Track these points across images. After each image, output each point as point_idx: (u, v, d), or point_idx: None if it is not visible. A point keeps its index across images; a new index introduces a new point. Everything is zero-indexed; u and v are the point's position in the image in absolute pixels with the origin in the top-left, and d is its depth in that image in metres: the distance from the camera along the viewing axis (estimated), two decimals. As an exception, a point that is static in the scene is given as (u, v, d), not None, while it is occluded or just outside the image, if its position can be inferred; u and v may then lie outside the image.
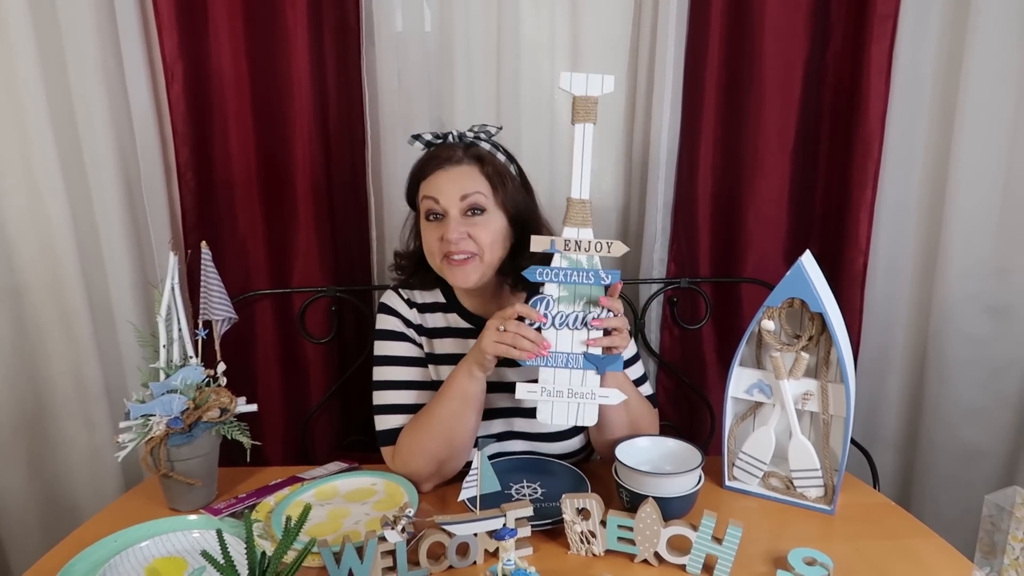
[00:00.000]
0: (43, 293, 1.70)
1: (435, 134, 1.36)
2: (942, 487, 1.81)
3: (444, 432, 1.28)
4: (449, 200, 1.28)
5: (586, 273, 1.13)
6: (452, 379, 1.27)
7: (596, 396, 1.15)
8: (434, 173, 1.31)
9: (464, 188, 1.28)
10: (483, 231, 1.28)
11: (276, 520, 1.19)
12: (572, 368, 1.14)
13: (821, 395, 1.25)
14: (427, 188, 1.31)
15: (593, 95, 1.12)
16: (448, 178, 1.29)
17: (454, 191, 1.28)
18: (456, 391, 1.26)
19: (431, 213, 1.31)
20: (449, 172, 1.30)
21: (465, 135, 1.35)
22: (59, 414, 1.76)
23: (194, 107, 1.67)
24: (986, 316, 1.75)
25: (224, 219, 1.75)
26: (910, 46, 1.68)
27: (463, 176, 1.30)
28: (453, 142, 1.35)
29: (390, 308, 1.43)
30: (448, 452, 1.30)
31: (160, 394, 1.25)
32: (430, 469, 1.31)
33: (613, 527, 1.10)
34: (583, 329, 1.14)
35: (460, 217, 1.28)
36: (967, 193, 1.68)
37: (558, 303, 1.14)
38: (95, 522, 1.26)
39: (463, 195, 1.28)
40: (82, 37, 1.61)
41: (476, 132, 1.35)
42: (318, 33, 1.67)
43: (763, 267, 1.79)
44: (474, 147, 1.34)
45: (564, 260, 1.13)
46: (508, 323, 1.15)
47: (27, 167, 1.63)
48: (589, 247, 1.13)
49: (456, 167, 1.30)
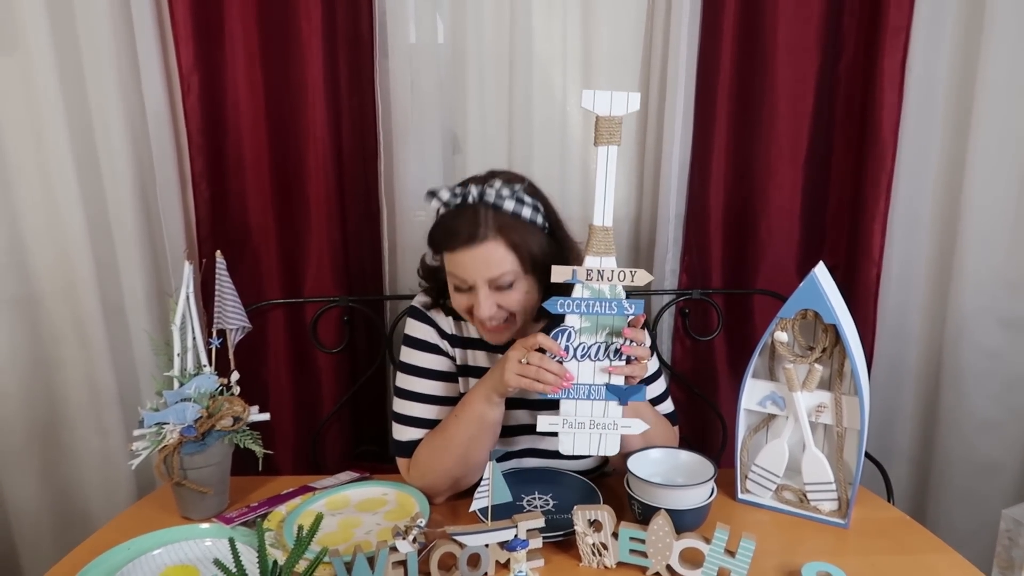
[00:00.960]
0: (58, 301, 1.71)
1: (453, 192, 1.23)
2: (957, 501, 1.79)
3: (460, 453, 1.28)
4: (477, 279, 1.21)
5: (609, 303, 1.11)
6: (469, 403, 1.25)
7: (618, 427, 1.14)
8: (459, 251, 1.21)
9: (491, 270, 1.20)
10: (513, 300, 1.23)
11: (288, 529, 1.19)
12: (594, 399, 1.13)
13: (835, 407, 1.24)
14: (452, 265, 1.23)
15: (617, 115, 1.07)
16: (474, 258, 1.20)
17: (481, 272, 1.21)
18: (473, 416, 1.25)
19: (460, 286, 1.25)
20: (475, 251, 1.19)
21: (486, 194, 1.21)
22: (72, 421, 1.77)
23: (209, 118, 1.68)
24: (1001, 328, 1.73)
25: (238, 229, 1.76)
26: (923, 58, 1.68)
27: (490, 255, 1.20)
28: (474, 204, 1.22)
29: (423, 314, 1.39)
30: (463, 471, 1.30)
31: (174, 403, 1.25)
32: (445, 486, 1.31)
33: (625, 539, 1.10)
34: (605, 360, 1.13)
35: (489, 292, 1.22)
36: (981, 205, 1.68)
37: (580, 334, 1.12)
38: (107, 530, 1.26)
39: (490, 277, 1.21)
40: (100, 48, 1.62)
41: (497, 191, 1.22)
42: (332, 45, 1.68)
43: (775, 278, 1.79)
44: (496, 212, 1.21)
45: (586, 290, 1.11)
46: (531, 355, 1.13)
47: (44, 176, 1.65)
48: (612, 276, 1.10)
49: (481, 245, 1.19)
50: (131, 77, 1.65)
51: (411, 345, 1.39)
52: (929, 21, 1.66)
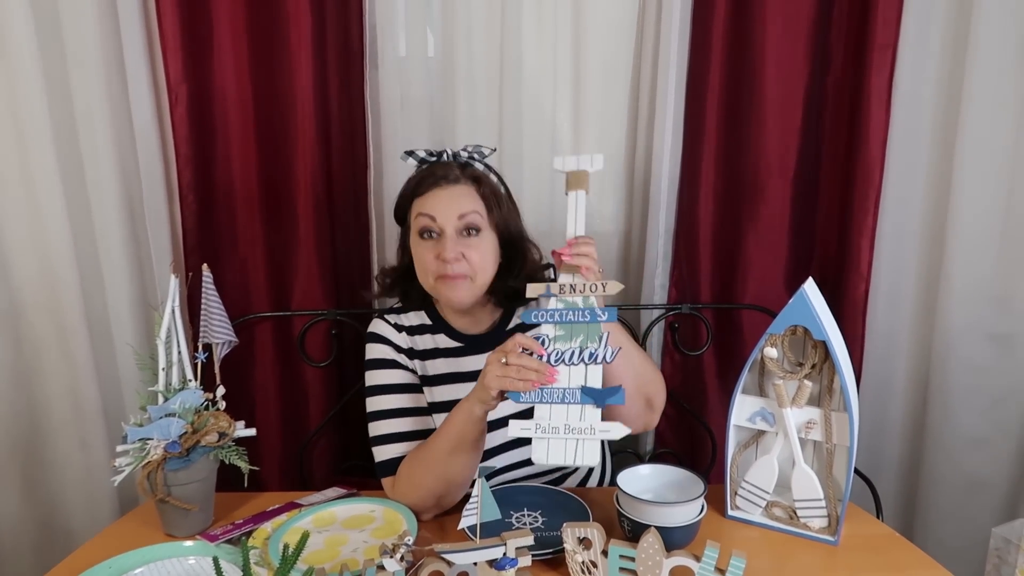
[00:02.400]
0: (41, 313, 1.69)
1: (429, 152, 1.36)
2: (945, 518, 1.79)
3: (441, 472, 1.27)
4: (446, 218, 1.29)
5: (582, 312, 1.12)
6: (452, 420, 1.25)
7: (596, 431, 1.09)
8: (431, 191, 1.31)
9: (462, 207, 1.29)
10: (476, 252, 1.30)
11: (273, 547, 1.17)
12: (569, 403, 1.10)
13: (824, 424, 1.24)
14: (423, 205, 1.31)
15: (584, 169, 1.18)
16: (446, 196, 1.30)
17: (452, 210, 1.29)
18: (453, 433, 1.24)
19: (426, 231, 1.31)
20: (446, 190, 1.31)
21: (459, 154, 1.36)
22: (55, 436, 1.74)
23: (197, 129, 1.67)
24: (988, 344, 1.74)
25: (225, 241, 1.74)
26: (910, 75, 1.69)
27: (461, 195, 1.31)
28: (447, 160, 1.35)
29: (379, 336, 1.43)
30: (446, 489, 1.29)
31: (158, 418, 1.23)
32: (428, 503, 1.30)
33: (615, 557, 1.09)
34: (580, 365, 1.12)
35: (456, 236, 1.29)
36: (968, 220, 1.69)
37: (554, 341, 1.12)
38: (89, 547, 1.24)
39: (461, 214, 1.29)
40: (87, 57, 1.62)
41: (470, 152, 1.36)
42: (322, 56, 1.68)
43: (764, 293, 1.79)
44: (469, 167, 1.35)
45: (560, 302, 1.13)
46: (510, 356, 1.13)
47: (28, 186, 1.63)
48: (584, 289, 1.13)
49: (453, 186, 1.31)
50: (118, 87, 1.64)
51: (372, 367, 1.42)
52: (915, 38, 1.68)
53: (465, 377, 1.41)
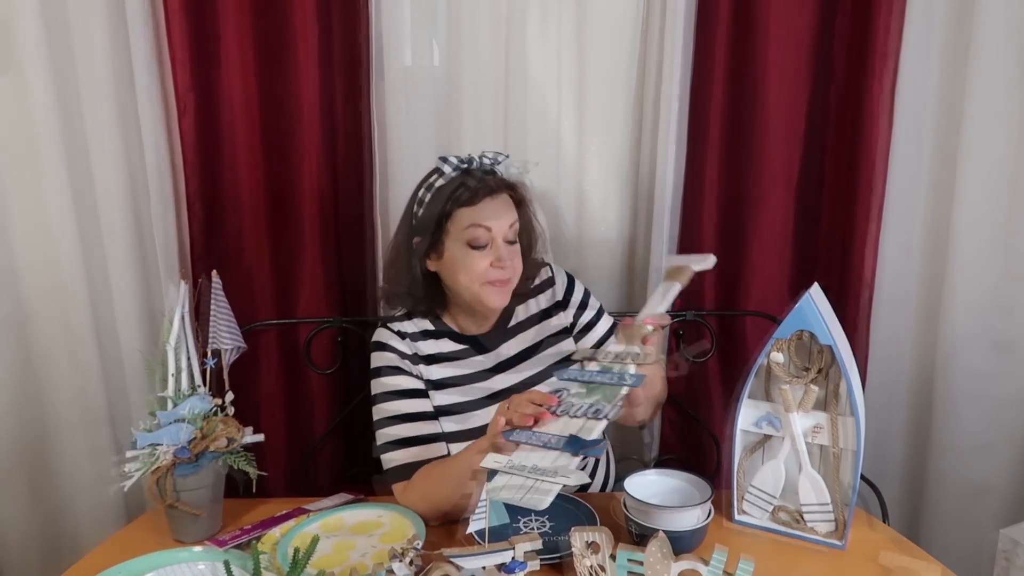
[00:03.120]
0: (50, 322, 1.70)
1: (460, 158, 1.37)
2: (951, 522, 1.79)
3: (453, 496, 1.28)
4: (499, 229, 1.33)
5: (611, 375, 1.12)
6: (466, 458, 1.25)
7: (558, 476, 1.00)
8: (483, 201, 1.33)
9: (510, 217, 1.36)
10: (517, 258, 1.37)
11: (281, 552, 1.17)
12: (550, 448, 1.04)
13: (831, 428, 1.24)
14: (477, 216, 1.33)
15: (688, 266, 1.29)
16: (496, 207, 1.34)
17: (503, 220, 1.34)
18: (467, 469, 1.23)
19: (478, 241, 1.33)
20: (496, 201, 1.35)
21: (484, 162, 1.38)
22: (63, 443, 1.74)
23: (204, 139, 1.68)
24: (992, 351, 1.74)
25: (231, 249, 1.75)
26: (912, 84, 1.70)
27: (506, 205, 1.37)
28: (479, 167, 1.38)
29: (383, 344, 1.45)
30: (454, 510, 1.31)
31: (168, 423, 1.24)
32: (436, 518, 1.32)
33: (623, 561, 1.09)
34: (582, 418, 1.08)
35: (505, 245, 1.34)
36: (971, 228, 1.69)
37: (572, 395, 1.12)
38: (97, 553, 1.25)
39: (511, 224, 1.35)
40: (96, 68, 1.63)
41: (492, 159, 1.39)
42: (328, 67, 1.69)
43: (768, 301, 1.80)
44: (496, 174, 1.40)
45: (597, 364, 1.14)
46: (512, 401, 1.13)
47: (38, 196, 1.64)
48: (628, 359, 1.13)
49: (500, 195, 1.36)
50: (127, 96, 1.65)
51: (378, 375, 1.44)
52: (917, 48, 1.68)
53: (470, 379, 1.43)
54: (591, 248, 1.88)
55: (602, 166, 1.88)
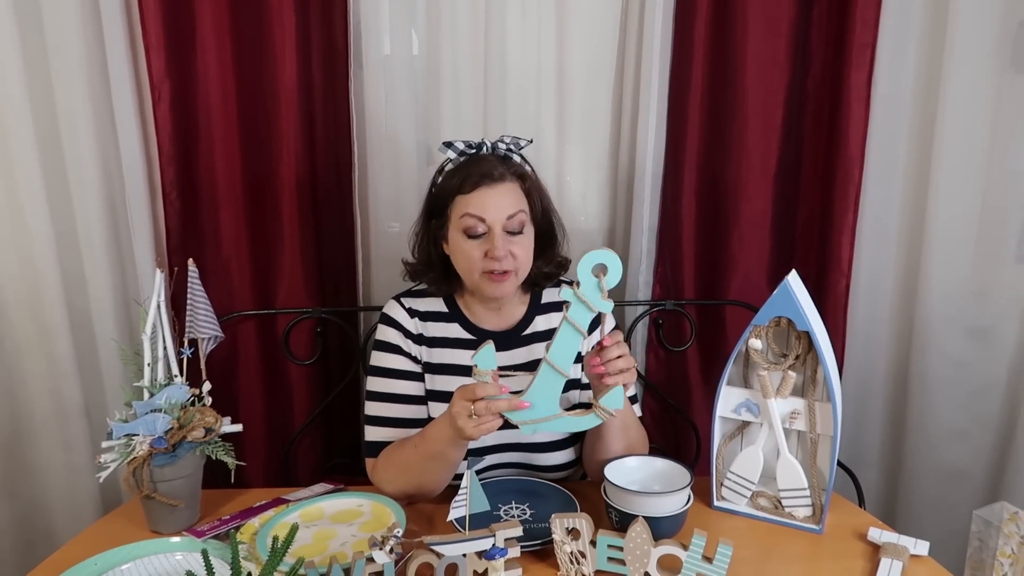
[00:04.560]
0: (22, 312, 1.67)
1: (468, 143, 1.34)
2: (926, 508, 1.82)
3: (416, 478, 1.29)
4: (495, 219, 1.27)
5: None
6: (433, 438, 1.24)
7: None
8: (478, 190, 1.28)
9: (510, 207, 1.28)
10: (522, 248, 1.30)
11: (261, 542, 1.16)
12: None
13: (808, 414, 1.25)
14: (470, 205, 1.28)
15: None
16: (493, 196, 1.28)
17: (501, 210, 1.28)
18: (433, 450, 1.24)
19: (473, 229, 1.29)
20: (494, 189, 1.28)
21: (498, 146, 1.34)
22: (36, 435, 1.72)
23: (180, 127, 1.66)
24: (966, 337, 1.77)
25: (209, 239, 1.73)
26: (888, 74, 1.72)
27: (508, 194, 1.30)
28: (486, 154, 1.34)
29: (390, 319, 1.43)
30: (417, 492, 1.32)
31: (144, 413, 1.23)
32: (400, 498, 1.31)
33: (603, 547, 1.10)
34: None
35: (503, 234, 1.28)
36: (945, 216, 1.72)
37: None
38: (73, 545, 1.23)
39: (509, 215, 1.28)
40: (69, 55, 1.60)
41: (508, 144, 1.34)
42: (306, 55, 1.67)
43: (747, 290, 1.81)
44: (510, 161, 1.34)
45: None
46: (476, 407, 1.12)
47: (9, 184, 1.62)
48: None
49: (500, 184, 1.29)
50: (100, 84, 1.63)
51: (378, 348, 1.42)
52: (894, 38, 1.70)
53: (468, 370, 1.41)
54: (571, 238, 1.85)
55: (582, 156, 1.88)
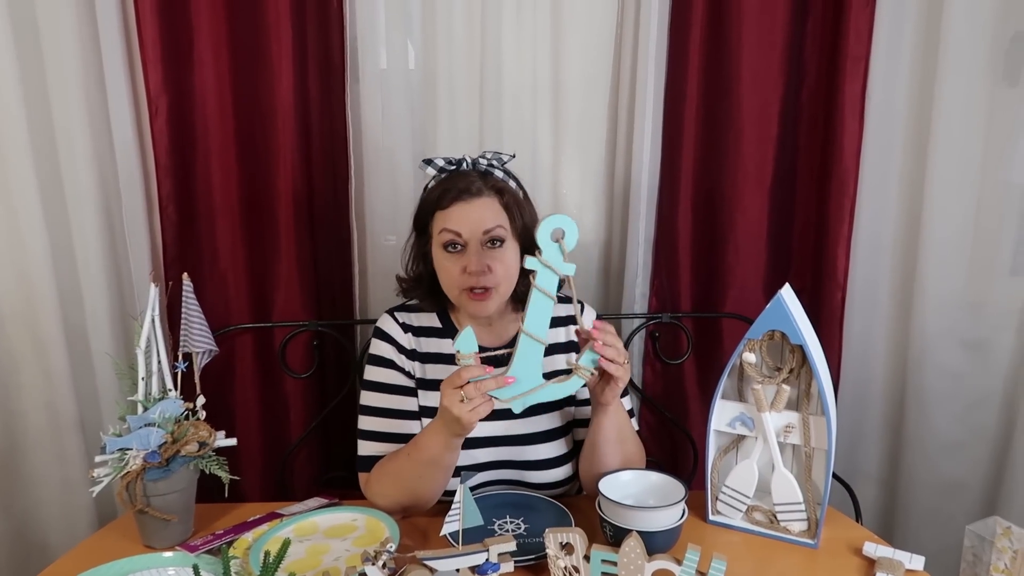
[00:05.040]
0: (17, 325, 1.67)
1: (448, 160, 1.34)
2: (924, 521, 1.81)
3: (410, 488, 1.29)
4: (471, 233, 1.28)
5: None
6: (426, 444, 1.24)
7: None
8: (454, 204, 1.29)
9: (486, 222, 1.28)
10: (501, 263, 1.29)
11: (254, 557, 1.16)
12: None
13: (803, 427, 1.25)
14: (447, 220, 1.29)
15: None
16: (469, 211, 1.28)
17: (477, 225, 1.28)
18: (427, 456, 1.24)
19: (451, 244, 1.29)
20: (471, 204, 1.29)
21: (479, 162, 1.34)
22: (31, 449, 1.72)
23: (178, 140, 1.67)
24: (962, 350, 1.77)
25: (205, 252, 1.74)
26: (882, 86, 1.73)
27: (484, 208, 1.29)
28: (467, 169, 1.34)
29: (383, 333, 1.42)
30: (412, 502, 1.31)
31: (138, 427, 1.22)
32: (394, 511, 1.31)
33: (597, 562, 1.09)
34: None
35: (480, 249, 1.28)
36: (941, 228, 1.72)
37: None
38: (66, 560, 1.23)
39: (485, 229, 1.28)
40: (66, 69, 1.61)
41: (490, 159, 1.35)
42: (303, 69, 1.68)
43: (743, 302, 1.81)
44: (490, 176, 1.33)
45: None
46: (466, 390, 1.12)
47: (5, 197, 1.62)
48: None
49: (476, 199, 1.29)
50: (97, 97, 1.63)
51: (371, 362, 1.42)
52: (888, 51, 1.71)
53: None
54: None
55: (578, 168, 1.88)
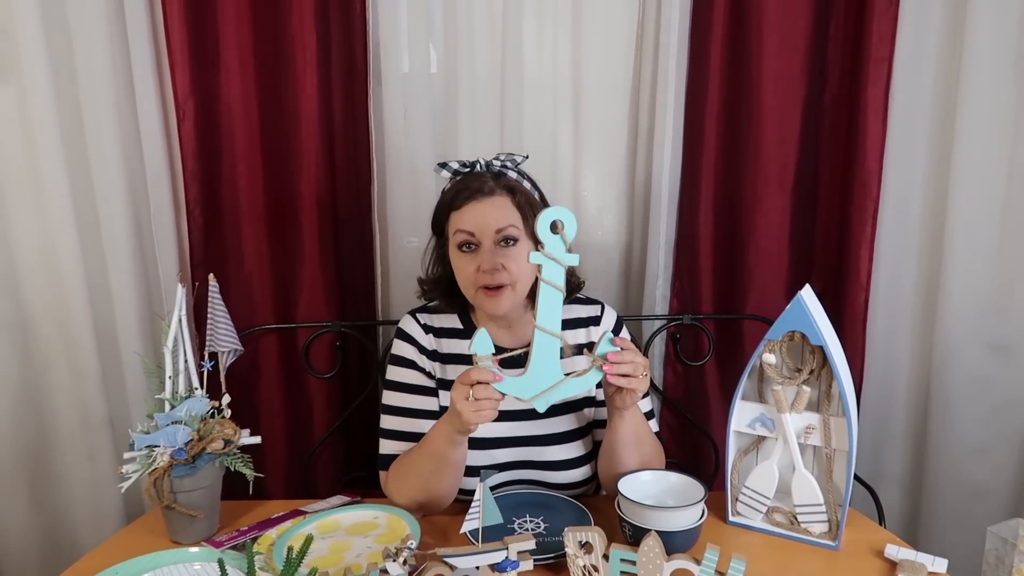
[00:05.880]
0: (50, 326, 1.72)
1: (462, 163, 1.37)
2: (949, 525, 1.79)
3: (422, 484, 1.31)
4: (484, 232, 1.30)
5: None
6: (433, 441, 1.27)
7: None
8: (467, 204, 1.31)
9: (498, 220, 1.30)
10: (515, 262, 1.31)
11: (278, 553, 1.18)
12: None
13: (823, 429, 1.25)
14: (460, 220, 1.32)
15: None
16: (482, 210, 1.31)
17: (489, 223, 1.30)
18: (434, 450, 1.26)
19: (465, 244, 1.32)
20: (483, 204, 1.31)
21: (492, 164, 1.36)
22: (62, 447, 1.76)
23: (204, 144, 1.70)
24: (988, 353, 1.75)
25: (231, 254, 1.77)
26: (905, 88, 1.72)
27: (497, 207, 1.32)
28: (481, 171, 1.36)
29: (405, 333, 1.44)
30: (427, 499, 1.32)
31: (165, 425, 1.25)
32: (412, 507, 1.32)
33: (616, 561, 1.09)
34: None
35: (494, 248, 1.30)
36: (966, 230, 1.70)
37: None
38: (95, 554, 1.25)
39: (498, 228, 1.30)
40: (96, 75, 1.65)
41: (503, 161, 1.37)
42: (327, 73, 1.71)
43: (765, 304, 1.80)
44: (503, 176, 1.36)
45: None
46: (475, 391, 1.13)
47: (38, 201, 1.67)
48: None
49: (489, 198, 1.32)
50: (127, 104, 1.67)
51: (392, 362, 1.44)
52: (911, 52, 1.70)
53: None
54: (588, 252, 1.86)
55: (599, 171, 1.89)
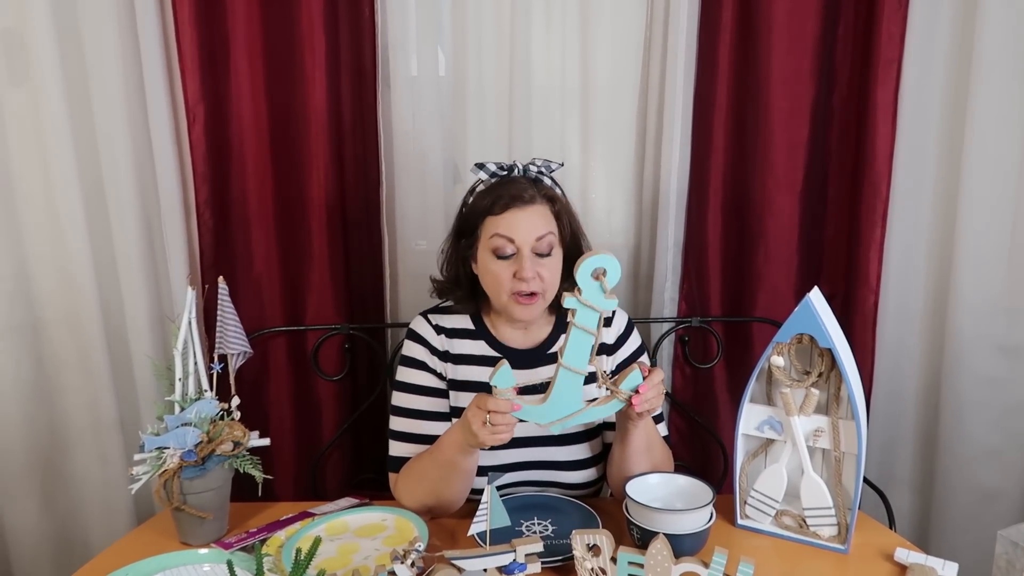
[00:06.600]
0: (61, 328, 1.73)
1: (500, 165, 1.36)
2: (959, 529, 1.78)
3: (432, 488, 1.31)
4: (524, 240, 1.29)
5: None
6: (445, 449, 1.27)
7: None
8: (508, 211, 1.30)
9: (539, 229, 1.30)
10: (549, 271, 1.31)
11: (286, 554, 1.18)
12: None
13: (832, 432, 1.24)
14: (499, 226, 1.30)
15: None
16: (524, 218, 1.30)
17: (530, 232, 1.29)
18: (445, 457, 1.27)
19: (501, 250, 1.31)
20: (525, 211, 1.30)
21: (529, 168, 1.36)
22: (73, 448, 1.77)
23: (214, 148, 1.71)
24: (999, 356, 1.74)
25: (241, 257, 1.78)
26: (915, 89, 1.71)
27: (538, 216, 1.31)
28: (518, 176, 1.36)
29: (416, 335, 1.44)
30: (437, 503, 1.33)
31: (175, 427, 1.26)
32: (420, 511, 1.33)
33: (624, 564, 1.09)
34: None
35: (532, 256, 1.30)
36: (976, 233, 1.69)
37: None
38: (106, 555, 1.26)
39: (538, 236, 1.30)
40: (108, 80, 1.66)
41: (539, 167, 1.36)
42: (335, 77, 1.71)
43: (774, 306, 1.80)
44: (541, 183, 1.36)
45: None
46: (492, 418, 1.14)
47: (50, 204, 1.68)
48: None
49: (530, 206, 1.31)
50: (138, 108, 1.68)
51: (403, 363, 1.44)
52: (920, 54, 1.69)
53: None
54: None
55: (607, 173, 1.89)
